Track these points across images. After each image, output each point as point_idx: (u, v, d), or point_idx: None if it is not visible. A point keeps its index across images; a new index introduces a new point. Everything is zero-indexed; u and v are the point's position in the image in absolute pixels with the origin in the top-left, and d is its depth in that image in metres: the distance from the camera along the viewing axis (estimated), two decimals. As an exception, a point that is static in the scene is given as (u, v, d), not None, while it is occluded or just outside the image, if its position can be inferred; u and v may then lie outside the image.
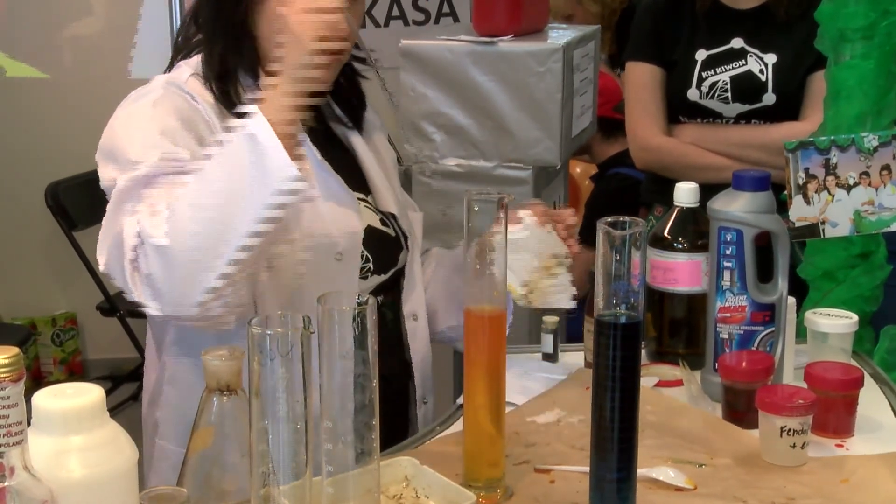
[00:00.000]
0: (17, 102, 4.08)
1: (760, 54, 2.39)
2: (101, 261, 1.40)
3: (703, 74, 2.40)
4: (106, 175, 1.44)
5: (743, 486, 1.32)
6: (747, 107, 2.40)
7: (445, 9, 4.30)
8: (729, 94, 2.39)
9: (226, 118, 1.50)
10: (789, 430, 1.36)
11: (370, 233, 1.58)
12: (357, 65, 1.68)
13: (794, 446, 1.37)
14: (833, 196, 1.82)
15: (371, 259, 1.58)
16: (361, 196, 1.63)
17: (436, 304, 1.71)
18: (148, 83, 1.54)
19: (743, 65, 2.40)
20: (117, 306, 3.77)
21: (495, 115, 2.56)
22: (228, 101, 1.51)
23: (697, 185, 1.69)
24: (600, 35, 2.93)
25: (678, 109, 2.46)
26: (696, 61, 2.41)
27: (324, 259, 1.50)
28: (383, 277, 1.61)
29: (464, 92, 2.56)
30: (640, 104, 2.48)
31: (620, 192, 3.24)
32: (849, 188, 1.82)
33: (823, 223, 1.83)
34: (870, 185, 1.82)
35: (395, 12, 4.23)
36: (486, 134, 2.57)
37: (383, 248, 1.61)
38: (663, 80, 2.46)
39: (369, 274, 1.58)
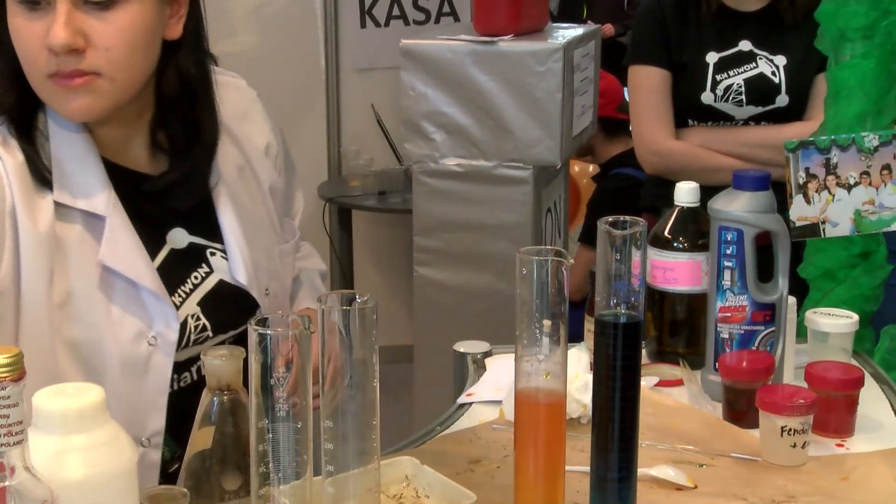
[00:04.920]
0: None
1: (770, 56, 2.39)
2: None
3: (717, 77, 2.39)
4: None
5: (743, 484, 1.32)
6: (760, 109, 2.39)
7: (446, 8, 4.31)
8: (743, 97, 2.39)
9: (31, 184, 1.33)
10: (790, 429, 1.36)
11: (217, 290, 1.45)
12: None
13: (794, 446, 1.37)
14: (833, 196, 1.82)
15: (211, 324, 1.44)
16: (218, 247, 1.48)
17: None
18: None
19: (754, 67, 2.39)
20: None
21: (496, 115, 2.56)
22: (28, 159, 1.33)
23: (698, 185, 1.69)
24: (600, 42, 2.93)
25: (689, 112, 2.44)
26: (707, 64, 2.40)
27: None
28: (232, 333, 1.47)
29: (464, 91, 2.56)
30: (649, 108, 2.46)
31: (623, 192, 3.24)
32: (849, 188, 1.82)
33: (824, 223, 1.83)
34: (870, 184, 1.82)
35: (396, 12, 4.24)
36: (486, 133, 2.57)
37: (231, 306, 1.47)
38: (670, 83, 2.45)
39: (208, 338, 1.44)
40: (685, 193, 1.68)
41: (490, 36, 2.56)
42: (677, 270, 1.66)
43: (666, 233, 1.67)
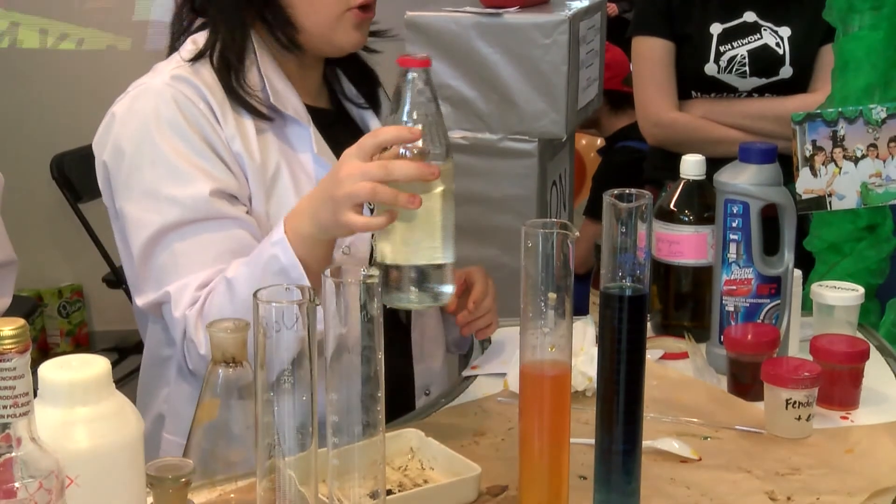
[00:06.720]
0: (22, 74, 4.07)
1: (774, 27, 2.38)
2: (141, 301, 1.45)
3: (721, 49, 2.38)
4: (129, 204, 1.44)
5: (747, 457, 1.32)
6: (764, 80, 2.38)
7: (451, -20, 4.27)
8: (747, 69, 2.37)
9: (236, 108, 1.47)
10: (795, 402, 1.36)
11: None
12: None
13: (799, 419, 1.37)
14: (840, 168, 1.82)
15: None
16: None
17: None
18: (149, 74, 1.50)
19: (758, 38, 2.37)
20: (123, 278, 3.77)
21: (501, 88, 2.55)
22: (235, 93, 1.47)
23: (704, 158, 1.68)
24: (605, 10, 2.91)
25: (692, 84, 2.43)
26: (711, 35, 2.39)
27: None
28: None
29: (469, 64, 2.55)
30: (652, 79, 2.45)
31: (628, 165, 3.23)
32: (856, 160, 1.82)
33: (830, 195, 1.83)
34: (877, 157, 1.81)
35: (401, -17, 4.21)
36: (491, 106, 2.56)
37: None
38: (674, 54, 2.44)
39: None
40: (691, 166, 1.67)
41: (495, 8, 2.55)
42: (683, 243, 1.66)
43: (672, 205, 1.67)
